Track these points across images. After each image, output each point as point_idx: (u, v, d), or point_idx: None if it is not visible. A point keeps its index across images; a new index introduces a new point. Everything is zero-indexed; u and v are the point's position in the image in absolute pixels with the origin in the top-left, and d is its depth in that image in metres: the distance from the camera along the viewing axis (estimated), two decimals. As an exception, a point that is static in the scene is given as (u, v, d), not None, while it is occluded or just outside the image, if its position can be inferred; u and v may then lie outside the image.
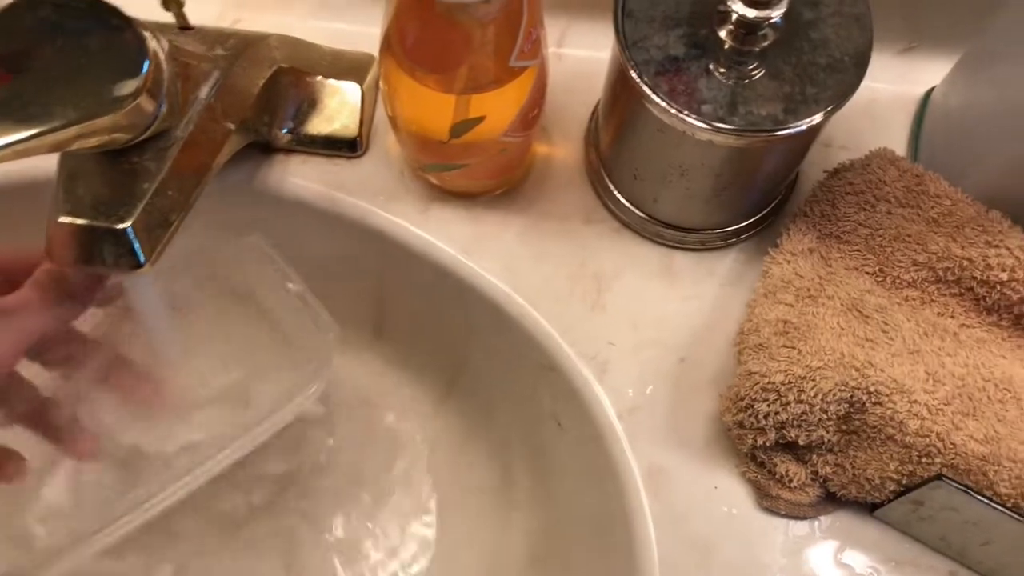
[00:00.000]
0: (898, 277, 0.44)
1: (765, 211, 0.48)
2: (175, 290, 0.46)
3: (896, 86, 0.52)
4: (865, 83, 0.39)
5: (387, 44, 0.40)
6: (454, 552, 0.54)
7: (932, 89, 0.51)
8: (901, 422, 0.39)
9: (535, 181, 0.50)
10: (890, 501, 0.41)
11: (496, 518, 0.53)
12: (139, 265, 0.39)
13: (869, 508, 0.43)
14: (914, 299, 0.44)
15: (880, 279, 0.44)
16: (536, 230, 0.48)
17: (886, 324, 0.41)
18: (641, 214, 0.47)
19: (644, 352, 0.46)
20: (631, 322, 0.47)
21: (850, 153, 0.48)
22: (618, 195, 0.48)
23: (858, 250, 0.44)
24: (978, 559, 0.41)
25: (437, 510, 0.54)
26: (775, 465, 0.42)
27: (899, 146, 0.50)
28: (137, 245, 0.39)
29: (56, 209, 0.38)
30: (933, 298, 0.44)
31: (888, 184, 0.45)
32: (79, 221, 0.38)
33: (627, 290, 0.47)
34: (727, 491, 0.44)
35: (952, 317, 0.44)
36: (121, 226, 0.38)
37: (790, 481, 0.42)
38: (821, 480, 0.42)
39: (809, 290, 0.43)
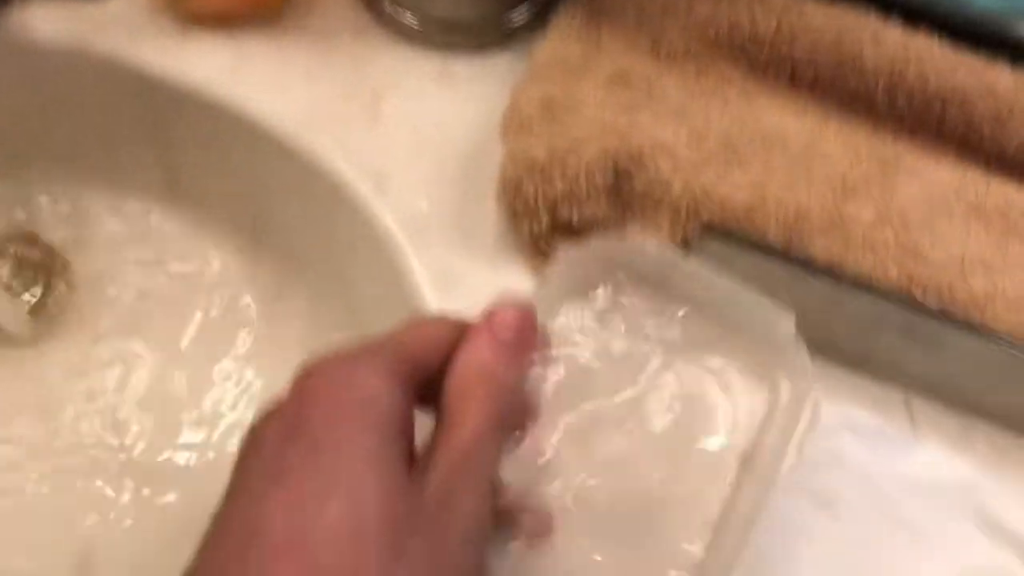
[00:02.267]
0: (672, 48, 0.42)
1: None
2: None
3: None
4: None
5: None
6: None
7: None
8: (665, 181, 0.38)
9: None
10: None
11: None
12: None
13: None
14: (690, 70, 0.43)
15: (655, 54, 0.43)
16: (306, 50, 0.46)
17: (652, 89, 0.40)
18: (414, 21, 0.45)
19: (425, 160, 0.44)
20: (411, 132, 0.45)
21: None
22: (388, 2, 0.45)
23: (629, 27, 0.43)
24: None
25: (259, 357, 0.52)
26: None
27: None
28: None
29: None
30: (708, 64, 0.43)
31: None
32: None
33: (406, 100, 0.45)
34: (519, 290, 0.43)
35: (730, 83, 0.43)
36: None
37: (569, 269, 0.41)
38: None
39: (576, 69, 0.41)
